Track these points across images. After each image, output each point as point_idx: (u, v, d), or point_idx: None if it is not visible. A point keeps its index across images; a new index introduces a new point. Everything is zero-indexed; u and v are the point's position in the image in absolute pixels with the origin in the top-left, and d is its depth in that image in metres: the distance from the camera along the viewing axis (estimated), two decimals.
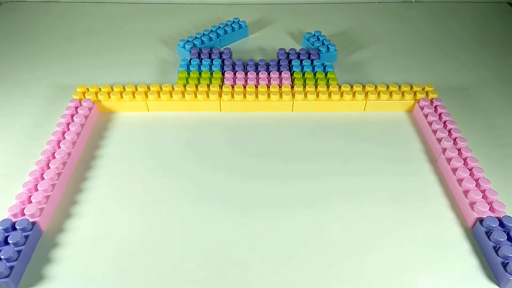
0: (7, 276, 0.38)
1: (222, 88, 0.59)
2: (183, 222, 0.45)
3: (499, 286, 0.40)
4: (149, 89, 0.59)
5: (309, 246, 0.43)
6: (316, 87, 0.60)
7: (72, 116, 0.55)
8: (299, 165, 0.51)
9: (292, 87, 0.60)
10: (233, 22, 0.74)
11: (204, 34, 0.71)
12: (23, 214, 0.43)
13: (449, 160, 0.50)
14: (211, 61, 0.64)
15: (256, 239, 0.43)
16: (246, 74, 0.62)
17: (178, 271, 0.40)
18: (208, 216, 0.45)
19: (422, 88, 0.60)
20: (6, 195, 0.46)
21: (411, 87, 0.61)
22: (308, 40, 0.71)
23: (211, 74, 0.62)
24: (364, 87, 0.60)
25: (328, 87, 0.60)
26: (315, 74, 0.62)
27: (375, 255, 0.42)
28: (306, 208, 0.46)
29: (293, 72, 0.62)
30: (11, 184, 0.48)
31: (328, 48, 0.68)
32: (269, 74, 0.62)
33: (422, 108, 0.58)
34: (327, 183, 0.49)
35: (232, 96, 0.58)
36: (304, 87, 0.60)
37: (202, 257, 0.42)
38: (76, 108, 0.56)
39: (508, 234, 0.42)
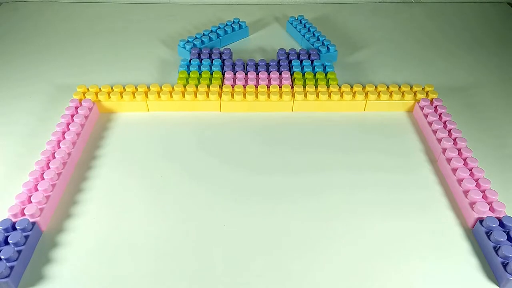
0: (7, 276, 0.38)
1: (222, 88, 0.59)
2: (183, 221, 0.45)
3: (499, 286, 0.40)
4: (149, 89, 0.59)
5: (307, 245, 0.43)
6: (316, 87, 0.60)
7: (72, 116, 0.55)
8: (299, 165, 0.51)
9: (292, 87, 0.60)
10: (233, 22, 0.74)
11: (204, 34, 0.71)
12: (23, 214, 0.43)
13: (449, 160, 0.50)
14: (211, 61, 0.64)
15: (255, 237, 0.43)
16: (246, 74, 0.62)
17: (179, 270, 0.40)
18: (208, 216, 0.45)
19: (422, 88, 0.60)
20: (6, 195, 0.46)
21: (411, 87, 0.61)
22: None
23: (211, 74, 0.62)
24: (364, 87, 0.60)
25: (328, 87, 0.60)
26: (315, 74, 0.62)
27: (374, 254, 0.42)
28: (305, 208, 0.46)
29: (293, 72, 0.62)
30: (11, 184, 0.48)
31: (328, 48, 0.68)
32: (269, 74, 0.62)
33: (422, 108, 0.58)
34: (327, 183, 0.49)
35: (232, 96, 0.58)
36: (304, 87, 0.60)
37: (203, 256, 0.42)
38: (76, 108, 0.56)
39: (508, 234, 0.42)
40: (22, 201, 0.43)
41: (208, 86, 0.59)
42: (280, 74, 0.62)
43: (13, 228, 0.41)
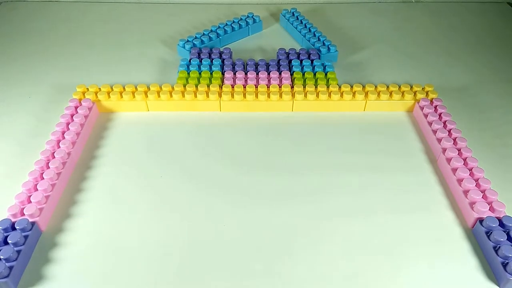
0: (7, 276, 0.38)
1: (222, 88, 0.59)
2: (183, 221, 0.45)
3: (499, 286, 0.40)
4: (149, 89, 0.59)
5: (306, 245, 0.43)
6: (316, 87, 0.60)
7: (72, 116, 0.54)
8: (298, 165, 0.51)
9: (292, 87, 0.60)
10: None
11: (204, 34, 0.71)
12: (23, 214, 0.43)
13: (449, 160, 0.50)
14: (211, 61, 0.64)
15: (256, 237, 0.43)
16: (246, 74, 0.62)
17: (179, 270, 0.40)
18: (208, 215, 0.45)
19: (422, 88, 0.60)
20: (5, 195, 0.46)
21: (411, 87, 0.61)
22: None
23: (211, 74, 0.62)
24: (364, 87, 0.60)
25: (328, 87, 0.60)
26: (315, 74, 0.62)
27: (374, 254, 0.42)
28: (305, 207, 0.46)
29: (293, 72, 0.62)
30: (10, 184, 0.48)
31: (328, 49, 0.68)
32: (269, 74, 0.62)
33: (422, 108, 0.58)
34: (326, 182, 0.49)
35: (232, 96, 0.58)
36: (304, 87, 0.60)
37: (203, 256, 0.42)
38: (76, 108, 0.56)
39: (508, 234, 0.42)
40: (21, 201, 0.43)
41: (208, 86, 0.59)
42: (280, 74, 0.62)
43: (13, 228, 0.41)
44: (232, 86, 0.60)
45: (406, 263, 0.41)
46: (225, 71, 0.62)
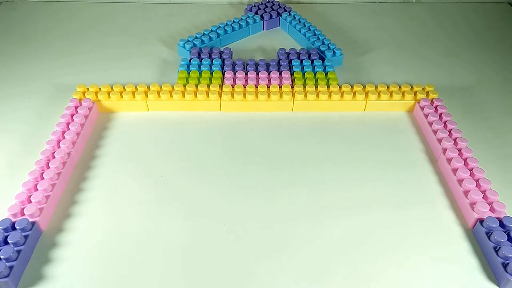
0: (7, 276, 0.38)
1: (222, 88, 0.59)
2: (183, 220, 0.45)
3: (499, 287, 0.40)
4: (149, 89, 0.59)
5: (307, 245, 0.43)
6: (316, 87, 0.60)
7: (72, 115, 0.54)
8: (298, 165, 0.51)
9: (292, 87, 0.60)
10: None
11: (204, 34, 0.71)
12: (23, 214, 0.43)
13: (449, 160, 0.50)
14: (211, 61, 0.64)
15: (255, 236, 0.43)
16: (246, 74, 0.62)
17: (179, 270, 0.40)
18: (209, 215, 0.45)
19: (423, 88, 0.60)
20: (5, 195, 0.46)
21: (412, 87, 0.60)
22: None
23: (211, 74, 0.62)
24: (364, 87, 0.60)
25: (328, 87, 0.60)
26: (315, 74, 0.62)
27: (374, 254, 0.42)
28: (306, 208, 0.46)
29: (293, 72, 0.62)
30: (10, 184, 0.48)
31: (334, 52, 0.67)
32: (269, 74, 0.62)
33: (422, 108, 0.58)
34: (326, 183, 0.49)
35: (232, 96, 0.58)
36: (304, 87, 0.60)
37: (203, 256, 0.42)
38: (76, 107, 0.56)
39: (508, 235, 0.42)
40: (21, 201, 0.43)
41: (208, 86, 0.59)
42: (280, 73, 0.62)
43: (13, 228, 0.41)
44: (232, 86, 0.60)
45: (405, 263, 0.41)
46: (225, 71, 0.62)
